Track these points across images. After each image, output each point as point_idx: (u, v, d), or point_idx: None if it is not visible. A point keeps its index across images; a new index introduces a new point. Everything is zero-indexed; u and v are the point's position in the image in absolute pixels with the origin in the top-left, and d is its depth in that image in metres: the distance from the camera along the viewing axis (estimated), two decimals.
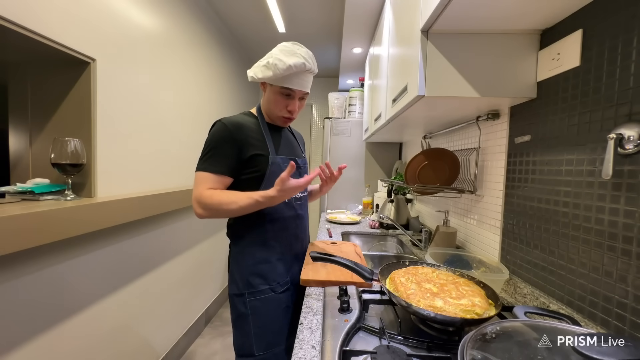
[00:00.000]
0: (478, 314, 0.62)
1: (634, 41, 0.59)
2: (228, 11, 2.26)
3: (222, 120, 0.93)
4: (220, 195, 0.87)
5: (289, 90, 0.95)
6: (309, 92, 0.99)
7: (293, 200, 1.03)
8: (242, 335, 0.94)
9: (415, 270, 0.84)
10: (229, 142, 0.91)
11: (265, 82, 0.97)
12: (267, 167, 0.95)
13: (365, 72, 2.34)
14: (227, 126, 0.92)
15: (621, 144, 0.59)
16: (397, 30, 1.21)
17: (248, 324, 0.93)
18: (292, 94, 0.96)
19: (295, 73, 0.92)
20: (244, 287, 0.94)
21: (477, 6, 0.71)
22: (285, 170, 0.81)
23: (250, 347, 0.92)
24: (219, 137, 0.91)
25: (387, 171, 2.57)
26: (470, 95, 0.85)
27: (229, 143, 0.91)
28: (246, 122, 0.96)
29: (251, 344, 0.92)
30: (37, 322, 1.00)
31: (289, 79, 0.92)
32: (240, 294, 0.95)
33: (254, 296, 0.94)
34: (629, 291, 0.58)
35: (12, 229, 0.80)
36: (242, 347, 0.94)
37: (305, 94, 0.99)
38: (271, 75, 0.92)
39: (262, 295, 0.94)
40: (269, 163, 0.95)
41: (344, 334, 0.64)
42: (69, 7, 1.05)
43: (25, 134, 1.17)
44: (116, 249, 1.32)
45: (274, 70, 0.91)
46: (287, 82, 0.93)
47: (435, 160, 1.28)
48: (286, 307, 0.98)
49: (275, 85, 0.94)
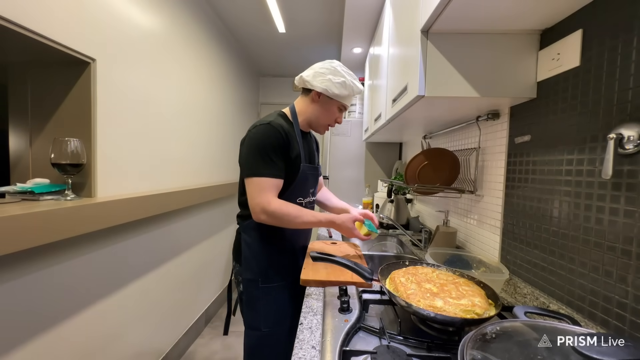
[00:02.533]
0: (478, 314, 0.62)
1: (634, 41, 0.59)
2: (228, 11, 2.26)
3: (271, 124, 0.96)
4: (289, 208, 0.94)
5: (346, 107, 1.08)
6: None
7: (307, 203, 1.12)
8: (252, 311, 1.02)
9: (415, 270, 0.84)
10: (282, 146, 0.96)
11: (322, 94, 1.03)
12: (297, 174, 1.01)
13: (365, 72, 2.34)
14: (278, 130, 0.95)
15: (621, 144, 0.59)
16: (397, 30, 1.21)
17: (259, 304, 1.01)
18: (343, 110, 1.09)
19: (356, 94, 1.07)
20: (259, 275, 1.01)
21: (477, 6, 0.71)
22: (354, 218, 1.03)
23: (258, 323, 1.00)
24: (274, 141, 0.94)
25: (387, 171, 2.57)
26: (470, 95, 0.85)
27: (282, 147, 0.96)
28: (288, 126, 1.01)
29: (260, 320, 1.00)
30: (37, 322, 1.00)
31: (350, 98, 1.06)
32: (255, 279, 1.01)
33: (268, 284, 1.01)
34: (629, 291, 0.58)
35: (12, 229, 0.80)
36: (252, 321, 1.02)
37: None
38: (345, 95, 1.02)
39: (275, 284, 1.02)
40: (299, 171, 1.02)
41: (344, 334, 0.64)
42: (69, 7, 1.05)
43: (25, 134, 1.17)
44: (116, 249, 1.32)
45: (350, 91, 1.02)
46: (348, 101, 1.06)
47: (435, 160, 1.28)
48: (294, 294, 1.06)
49: (337, 100, 1.04)
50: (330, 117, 1.07)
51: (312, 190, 1.14)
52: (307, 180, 1.07)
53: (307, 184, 1.08)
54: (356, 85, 1.03)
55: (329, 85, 1.00)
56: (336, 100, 1.04)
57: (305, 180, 1.06)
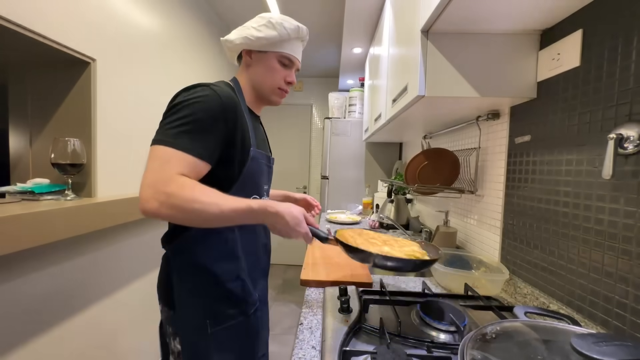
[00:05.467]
0: (418, 257, 0.72)
1: (634, 41, 0.59)
2: (228, 11, 2.26)
3: (212, 87, 0.68)
4: (195, 189, 0.59)
5: (290, 58, 0.80)
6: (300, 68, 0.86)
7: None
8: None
9: (360, 231, 0.89)
10: (219, 119, 0.66)
11: (253, 51, 0.79)
12: (245, 161, 0.73)
13: (365, 72, 2.34)
14: (220, 97, 0.67)
15: (621, 144, 0.59)
16: (397, 30, 1.21)
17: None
18: (291, 65, 0.82)
19: (295, 39, 0.81)
20: (206, 315, 0.71)
21: (477, 6, 0.71)
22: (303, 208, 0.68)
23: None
24: (208, 108, 0.65)
25: (387, 171, 2.57)
26: (470, 95, 0.85)
27: (221, 121, 0.66)
28: (236, 99, 0.73)
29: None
30: (37, 322, 1.00)
31: (290, 44, 0.79)
32: (199, 325, 0.70)
33: (220, 324, 0.71)
34: (629, 291, 0.58)
35: (12, 229, 0.80)
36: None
37: (298, 69, 0.85)
38: (275, 36, 0.76)
39: (231, 322, 0.73)
40: (248, 157, 0.73)
41: (344, 334, 0.64)
42: (69, 7, 1.05)
43: (25, 134, 1.17)
44: (116, 249, 1.32)
45: (280, 30, 0.76)
46: (290, 49, 0.79)
47: (435, 160, 1.28)
48: (256, 332, 0.79)
49: (273, 51, 0.78)
50: (274, 77, 0.80)
51: (267, 188, 0.86)
52: (260, 172, 0.79)
53: (260, 177, 0.80)
54: (288, 22, 0.78)
55: (250, 32, 0.76)
56: (272, 51, 0.78)
57: (259, 172, 0.78)
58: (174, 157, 0.60)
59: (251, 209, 0.61)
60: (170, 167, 0.59)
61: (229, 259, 0.74)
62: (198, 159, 0.63)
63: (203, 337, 0.70)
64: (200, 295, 0.72)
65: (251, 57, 0.80)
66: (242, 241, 0.77)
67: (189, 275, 0.72)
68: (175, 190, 0.57)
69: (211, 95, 0.66)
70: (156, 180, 0.58)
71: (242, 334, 0.75)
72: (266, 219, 0.63)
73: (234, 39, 0.79)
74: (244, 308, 0.75)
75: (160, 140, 0.61)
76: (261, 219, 0.63)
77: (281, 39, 0.78)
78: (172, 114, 0.64)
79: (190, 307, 0.71)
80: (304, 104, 3.73)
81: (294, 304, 2.74)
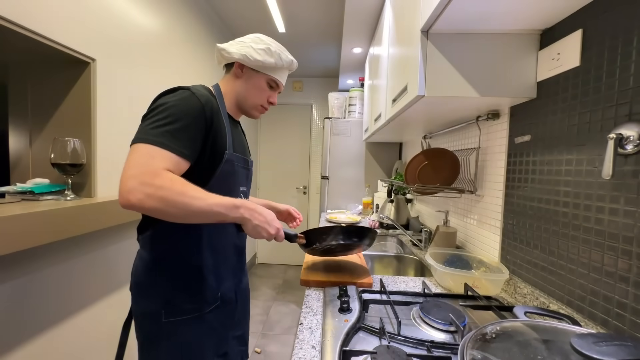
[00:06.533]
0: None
1: (634, 41, 0.59)
2: (228, 11, 2.26)
3: (192, 90, 0.72)
4: (185, 183, 0.62)
5: (277, 82, 0.89)
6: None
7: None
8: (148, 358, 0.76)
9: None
10: (200, 120, 0.71)
11: (247, 67, 0.85)
12: (219, 163, 0.77)
13: (365, 72, 2.34)
14: (200, 100, 0.71)
15: (621, 144, 0.59)
16: (397, 30, 1.21)
17: (159, 351, 0.74)
18: (276, 88, 0.91)
19: (286, 68, 0.90)
20: (161, 305, 0.74)
21: (477, 6, 0.71)
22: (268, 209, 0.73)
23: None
24: (189, 109, 0.69)
25: (387, 171, 2.57)
26: (470, 95, 0.85)
27: (200, 122, 0.71)
28: (214, 102, 0.78)
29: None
30: (37, 322, 1.00)
31: (281, 72, 0.88)
32: (153, 312, 0.74)
33: (173, 316, 0.74)
34: (629, 291, 0.58)
35: (12, 229, 0.80)
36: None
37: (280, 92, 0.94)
38: (271, 63, 0.83)
39: (183, 316, 0.75)
40: (222, 159, 0.77)
41: (344, 334, 0.64)
42: (69, 7, 1.05)
43: (25, 134, 1.17)
44: (116, 249, 1.32)
45: (277, 59, 0.84)
46: (279, 75, 0.88)
47: (435, 160, 1.28)
48: (210, 329, 0.79)
49: (265, 74, 0.86)
50: (260, 95, 0.87)
51: (244, 190, 0.90)
52: (235, 174, 0.82)
53: (235, 178, 0.83)
54: (285, 54, 0.86)
55: (249, 52, 0.82)
56: (263, 73, 0.85)
57: (234, 173, 0.82)
58: (158, 154, 0.63)
59: (234, 204, 0.66)
60: (155, 162, 0.62)
61: (192, 254, 0.77)
62: (180, 157, 0.66)
63: (156, 324, 0.74)
64: (159, 285, 0.75)
65: (242, 71, 0.86)
66: (209, 238, 0.79)
67: (153, 264, 0.76)
68: (165, 183, 0.60)
69: (191, 97, 0.71)
70: (142, 172, 0.60)
71: (196, 330, 0.77)
72: (245, 213, 0.67)
73: (233, 52, 0.83)
74: (201, 305, 0.77)
75: (142, 139, 0.64)
76: (240, 214, 0.67)
77: (275, 66, 0.85)
78: (153, 115, 0.67)
79: (149, 296, 0.75)
80: (304, 104, 3.73)
81: (294, 304, 2.74)
